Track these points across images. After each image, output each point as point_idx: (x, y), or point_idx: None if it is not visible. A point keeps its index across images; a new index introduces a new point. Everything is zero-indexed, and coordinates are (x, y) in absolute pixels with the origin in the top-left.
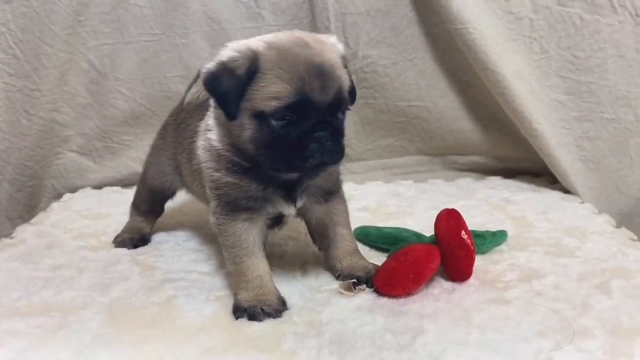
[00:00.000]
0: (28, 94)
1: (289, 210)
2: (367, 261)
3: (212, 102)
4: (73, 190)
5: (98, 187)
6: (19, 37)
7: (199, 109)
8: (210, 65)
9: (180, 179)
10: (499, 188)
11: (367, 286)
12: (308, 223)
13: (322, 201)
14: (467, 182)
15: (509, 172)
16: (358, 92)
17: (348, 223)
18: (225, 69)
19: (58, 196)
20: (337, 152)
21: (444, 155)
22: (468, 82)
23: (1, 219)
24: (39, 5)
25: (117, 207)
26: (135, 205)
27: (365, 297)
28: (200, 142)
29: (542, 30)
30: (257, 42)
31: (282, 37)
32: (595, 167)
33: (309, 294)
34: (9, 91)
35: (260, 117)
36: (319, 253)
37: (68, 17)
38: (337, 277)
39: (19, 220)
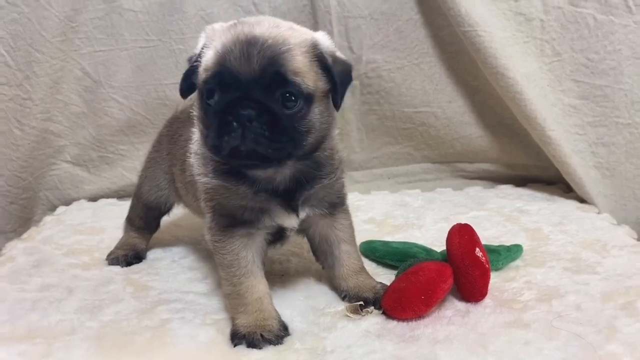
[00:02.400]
0: (20, 103)
1: (290, 222)
2: (374, 280)
3: None
4: (68, 202)
5: (93, 198)
6: (10, 44)
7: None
8: None
9: (176, 193)
10: (510, 197)
11: (374, 308)
12: (311, 240)
13: (326, 214)
14: (477, 191)
15: (520, 180)
16: (362, 98)
17: (354, 239)
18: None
19: (52, 208)
20: (263, 138)
21: (452, 163)
22: (476, 87)
23: None
24: (30, 11)
25: (112, 220)
26: (130, 220)
27: (373, 320)
28: (191, 147)
29: (554, 31)
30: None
31: (247, 18)
32: (611, 174)
33: (312, 316)
34: (0, 101)
35: (200, 94)
36: (323, 271)
37: (60, 23)
38: (343, 298)
39: (12, 234)
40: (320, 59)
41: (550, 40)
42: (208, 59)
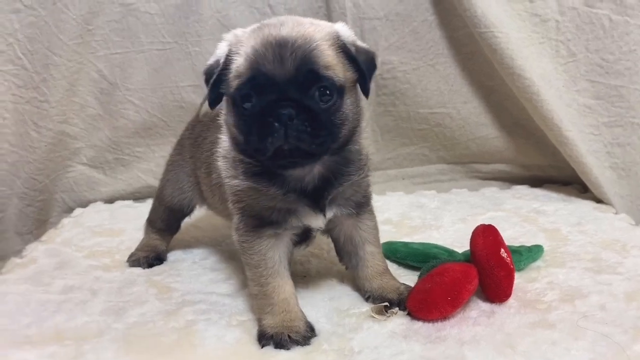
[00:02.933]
0: (37, 106)
1: (317, 223)
2: (398, 281)
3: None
4: (84, 204)
5: (109, 200)
6: (27, 47)
7: (216, 121)
8: None
9: (200, 196)
10: (527, 198)
11: (399, 309)
12: (336, 240)
13: (352, 214)
14: (493, 192)
15: (535, 181)
16: (377, 99)
17: (378, 241)
18: (215, 56)
19: (68, 210)
20: (306, 134)
21: (467, 164)
22: (492, 88)
23: (10, 234)
24: (47, 14)
25: (130, 222)
26: (151, 222)
27: (398, 321)
28: (219, 151)
29: (569, 32)
30: (244, 28)
31: (268, 20)
32: (626, 175)
33: (337, 318)
34: (17, 103)
35: (233, 100)
36: (345, 272)
37: (77, 26)
38: (367, 299)
39: (29, 235)
40: (344, 49)
41: (565, 40)
42: (239, 65)
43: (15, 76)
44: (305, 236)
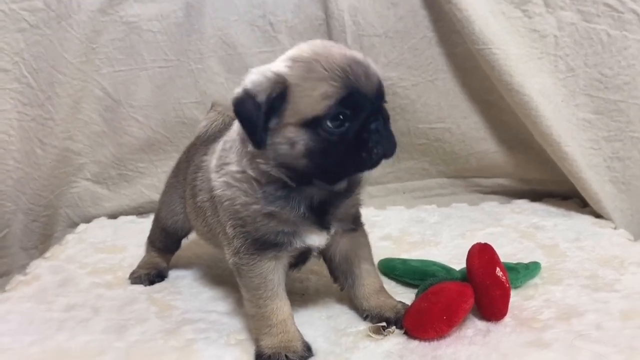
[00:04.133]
0: (42, 123)
1: (320, 241)
2: (394, 300)
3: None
4: (88, 219)
5: (113, 215)
6: (32, 66)
7: (205, 144)
8: (236, 91)
9: (187, 218)
10: (526, 213)
11: (396, 327)
12: (330, 260)
13: (349, 230)
14: (492, 207)
15: (535, 195)
16: None
17: (372, 258)
18: (248, 95)
19: (73, 225)
20: (393, 141)
21: (467, 178)
22: (491, 102)
23: (16, 249)
24: (52, 33)
25: (133, 238)
26: (151, 242)
27: (395, 340)
28: (221, 180)
29: (568, 47)
30: (279, 64)
31: (303, 47)
32: (627, 189)
33: (334, 337)
34: (22, 120)
35: (313, 124)
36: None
37: (81, 44)
38: (365, 318)
39: (34, 250)
40: None
41: (564, 56)
42: (325, 88)
43: (20, 94)
44: (301, 258)
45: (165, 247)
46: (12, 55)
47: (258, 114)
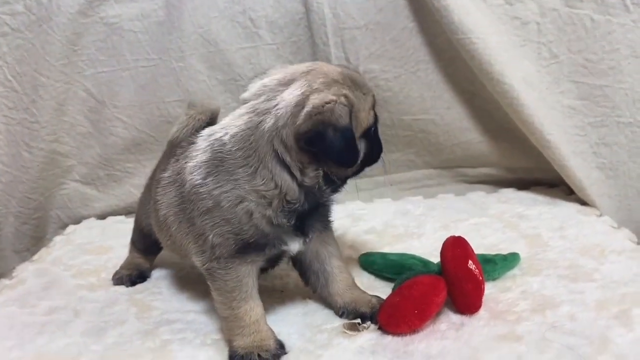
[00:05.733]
0: (28, 127)
1: (295, 247)
2: (368, 294)
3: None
4: (78, 220)
5: (102, 216)
6: (16, 69)
7: (167, 156)
8: (303, 127)
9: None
10: (512, 202)
11: (371, 322)
12: (301, 262)
13: (323, 230)
14: (479, 196)
15: (522, 184)
16: None
17: (341, 254)
18: (326, 125)
19: (63, 226)
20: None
21: (453, 168)
22: (474, 92)
23: (8, 252)
24: (33, 36)
25: (120, 239)
26: (133, 243)
27: (368, 336)
28: (219, 190)
29: (551, 34)
30: (335, 90)
31: (320, 68)
32: (614, 175)
33: (309, 334)
34: (8, 124)
35: (368, 133)
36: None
37: (63, 47)
38: (341, 315)
39: (26, 253)
40: None
41: (547, 42)
42: (365, 101)
43: (5, 98)
44: (272, 263)
45: (145, 248)
46: None
47: (347, 134)
